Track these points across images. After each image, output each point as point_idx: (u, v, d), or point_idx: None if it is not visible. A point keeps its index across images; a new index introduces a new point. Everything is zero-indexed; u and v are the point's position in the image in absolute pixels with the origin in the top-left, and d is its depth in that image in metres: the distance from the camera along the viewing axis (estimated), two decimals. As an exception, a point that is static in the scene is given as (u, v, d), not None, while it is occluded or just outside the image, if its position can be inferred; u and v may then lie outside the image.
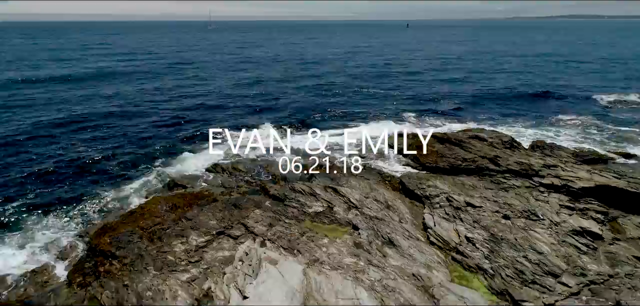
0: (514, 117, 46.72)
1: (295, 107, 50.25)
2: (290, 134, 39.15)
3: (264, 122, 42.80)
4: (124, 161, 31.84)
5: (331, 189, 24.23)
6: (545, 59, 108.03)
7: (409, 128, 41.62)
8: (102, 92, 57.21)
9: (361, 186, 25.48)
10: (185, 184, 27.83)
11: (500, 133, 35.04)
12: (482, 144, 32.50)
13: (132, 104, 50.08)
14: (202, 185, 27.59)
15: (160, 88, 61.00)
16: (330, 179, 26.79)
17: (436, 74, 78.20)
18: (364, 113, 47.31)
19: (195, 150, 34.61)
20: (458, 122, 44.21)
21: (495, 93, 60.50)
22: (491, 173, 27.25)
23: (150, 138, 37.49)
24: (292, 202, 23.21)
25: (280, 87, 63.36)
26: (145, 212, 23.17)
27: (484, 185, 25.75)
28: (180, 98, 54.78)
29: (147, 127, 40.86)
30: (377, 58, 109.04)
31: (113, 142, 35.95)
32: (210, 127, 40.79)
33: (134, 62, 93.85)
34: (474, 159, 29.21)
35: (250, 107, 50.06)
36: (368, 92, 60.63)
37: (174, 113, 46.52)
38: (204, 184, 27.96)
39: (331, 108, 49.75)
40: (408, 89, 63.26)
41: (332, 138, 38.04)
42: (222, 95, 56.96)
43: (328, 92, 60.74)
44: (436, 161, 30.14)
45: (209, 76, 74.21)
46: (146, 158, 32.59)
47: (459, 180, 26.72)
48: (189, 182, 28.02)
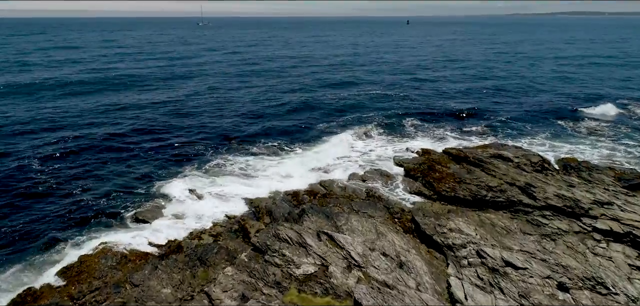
0: (529, 122, 40.53)
1: (280, 122, 43.93)
2: (276, 153, 32.97)
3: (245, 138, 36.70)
4: (80, 191, 25.76)
5: (326, 237, 18.19)
6: (554, 58, 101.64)
7: (417, 140, 35.49)
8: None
9: (364, 228, 19.44)
10: (148, 218, 21.81)
11: (526, 151, 28.96)
12: (507, 166, 26.48)
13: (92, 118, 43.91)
14: (170, 221, 21.53)
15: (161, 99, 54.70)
16: (325, 216, 20.74)
17: (442, 75, 71.32)
18: (364, 120, 41.03)
19: (172, 174, 28.51)
20: (470, 127, 38.10)
21: (503, 93, 54.36)
22: (526, 209, 21.21)
23: (132, 159, 31.40)
24: (276, 255, 17.18)
25: (254, 95, 55.16)
26: (84, 269, 17.18)
27: (520, 228, 19.71)
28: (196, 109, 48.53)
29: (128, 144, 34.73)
30: (379, 57, 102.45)
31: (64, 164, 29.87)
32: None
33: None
34: (501, 187, 23.16)
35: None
36: (369, 96, 54.34)
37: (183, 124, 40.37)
38: (174, 217, 21.93)
39: (326, 118, 43.43)
40: (414, 92, 56.90)
41: (327, 156, 31.92)
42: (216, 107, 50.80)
43: (322, 97, 54.49)
44: (454, 188, 24.09)
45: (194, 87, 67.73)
46: (119, 183, 26.51)
47: (487, 218, 20.68)
48: (155, 215, 21.97)
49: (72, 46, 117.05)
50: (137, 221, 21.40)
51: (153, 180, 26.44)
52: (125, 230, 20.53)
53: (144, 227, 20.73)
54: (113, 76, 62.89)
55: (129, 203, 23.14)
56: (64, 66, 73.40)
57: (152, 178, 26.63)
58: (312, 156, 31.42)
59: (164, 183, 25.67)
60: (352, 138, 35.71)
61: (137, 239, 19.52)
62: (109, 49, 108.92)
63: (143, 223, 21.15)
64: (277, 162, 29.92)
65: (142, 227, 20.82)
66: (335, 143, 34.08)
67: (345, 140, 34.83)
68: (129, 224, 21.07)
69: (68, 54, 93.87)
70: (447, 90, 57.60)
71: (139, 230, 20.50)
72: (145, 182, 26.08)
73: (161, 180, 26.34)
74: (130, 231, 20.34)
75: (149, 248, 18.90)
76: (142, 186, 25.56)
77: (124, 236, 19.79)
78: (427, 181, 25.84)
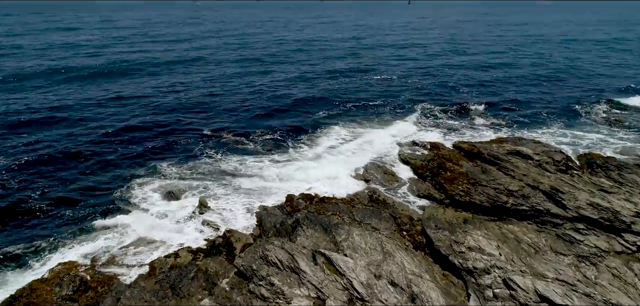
0: (543, 110, 37.04)
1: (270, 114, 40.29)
2: (270, 151, 29.64)
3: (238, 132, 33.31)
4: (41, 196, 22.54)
5: (323, 259, 15.03)
6: (567, 40, 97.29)
7: (423, 132, 32.16)
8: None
9: (368, 245, 16.27)
10: (117, 230, 18.68)
11: (547, 147, 25.62)
12: (527, 164, 23.21)
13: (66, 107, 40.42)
14: (143, 231, 18.38)
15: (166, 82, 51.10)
16: (322, 228, 17.54)
17: (449, 61, 66.32)
18: (365, 112, 37.57)
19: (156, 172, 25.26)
20: (481, 117, 34.68)
21: (514, 78, 50.77)
22: (555, 220, 18.01)
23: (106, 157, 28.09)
24: (263, 284, 14.05)
25: (249, 83, 50.34)
26: (33, 300, 14.11)
27: (550, 245, 16.54)
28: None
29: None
30: (382, 40, 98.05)
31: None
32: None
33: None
34: (523, 192, 19.92)
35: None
36: (371, 81, 50.69)
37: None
38: (149, 227, 18.78)
39: (326, 107, 39.86)
40: (419, 78, 53.12)
41: (326, 150, 28.66)
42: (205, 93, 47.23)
43: (322, 81, 50.88)
44: (469, 191, 20.87)
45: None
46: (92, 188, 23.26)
47: (510, 232, 17.51)
48: (126, 226, 18.82)
49: (69, 28, 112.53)
50: (105, 232, 18.24)
51: (127, 182, 22.98)
52: (88, 245, 17.35)
53: (112, 241, 17.58)
54: (105, 62, 58.97)
55: (95, 212, 19.81)
56: (56, 50, 69.28)
57: (126, 181, 23.18)
58: (309, 152, 28.17)
59: (140, 187, 22.40)
60: (353, 130, 32.38)
61: (102, 257, 16.41)
62: (107, 31, 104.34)
63: (111, 236, 18.00)
64: (270, 160, 26.65)
65: (109, 240, 17.67)
66: (333, 136, 30.77)
67: (344, 132, 31.52)
68: (94, 238, 17.86)
69: (64, 37, 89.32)
70: (455, 76, 53.48)
71: (105, 244, 17.35)
72: (116, 185, 22.66)
73: (137, 182, 22.94)
74: (94, 246, 17.17)
75: (115, 269, 15.80)
76: (113, 190, 22.15)
77: (86, 253, 16.68)
78: (438, 182, 22.63)
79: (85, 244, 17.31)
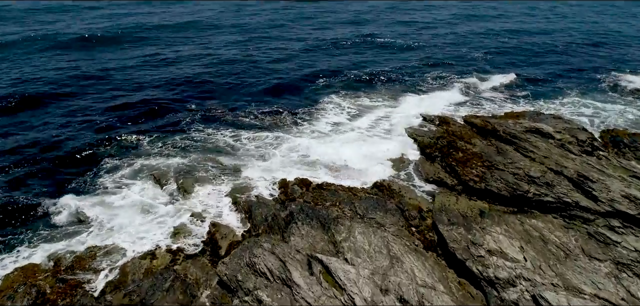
0: (560, 81, 34.07)
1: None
2: (269, 124, 26.93)
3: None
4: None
5: (320, 267, 12.67)
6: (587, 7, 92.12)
7: (429, 101, 29.39)
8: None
9: (373, 247, 13.91)
10: (87, 221, 16.31)
11: (568, 123, 22.98)
12: (548, 144, 20.59)
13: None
14: (115, 224, 16.01)
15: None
16: (320, 224, 15.15)
17: (457, 30, 60.67)
18: (372, 83, 34.30)
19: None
20: (493, 87, 31.79)
21: (528, 47, 47.30)
22: (585, 214, 15.57)
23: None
24: (248, 300, 11.76)
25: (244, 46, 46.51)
26: (-20, 317, 11.86)
27: (581, 246, 14.18)
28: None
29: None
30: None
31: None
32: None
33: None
34: (545, 178, 17.39)
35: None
36: (377, 51, 46.95)
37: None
38: (124, 219, 16.41)
39: (330, 78, 36.61)
40: (425, 46, 49.38)
41: (328, 127, 25.97)
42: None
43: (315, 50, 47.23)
44: (484, 176, 18.37)
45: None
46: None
47: (534, 228, 15.12)
48: (94, 217, 16.43)
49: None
50: (72, 227, 15.84)
51: (101, 165, 20.05)
52: (53, 243, 14.94)
53: (79, 238, 15.19)
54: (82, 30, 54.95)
55: (61, 202, 16.93)
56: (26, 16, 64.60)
57: (100, 163, 20.24)
58: (309, 128, 25.49)
59: (117, 170, 19.74)
60: (359, 103, 29.54)
61: (67, 259, 14.09)
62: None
63: (79, 231, 15.59)
64: (266, 138, 23.98)
65: (76, 236, 15.25)
66: (337, 111, 27.97)
67: (349, 106, 28.68)
68: (59, 234, 15.38)
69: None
70: (467, 44, 49.03)
71: (71, 242, 14.96)
72: (88, 168, 19.80)
73: (113, 164, 20.17)
74: (59, 245, 14.79)
75: (80, 275, 13.51)
76: (85, 174, 19.35)
77: (50, 253, 14.36)
78: (449, 164, 20.10)
79: (48, 242, 14.92)
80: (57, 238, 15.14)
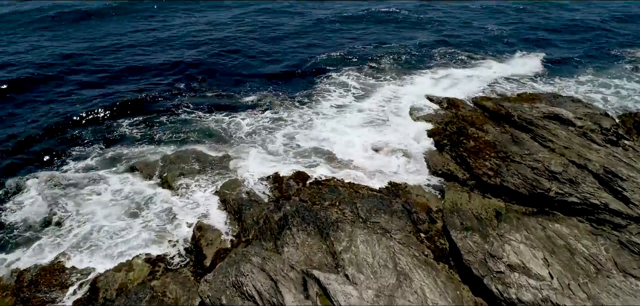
0: (575, 55, 31.66)
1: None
2: (267, 105, 24.82)
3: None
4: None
5: (317, 288, 10.90)
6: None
7: (434, 79, 27.20)
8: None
9: (376, 259, 12.12)
10: (52, 225, 14.52)
11: (590, 108, 20.92)
12: (568, 132, 18.63)
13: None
14: (92, 222, 14.22)
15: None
16: (317, 229, 13.34)
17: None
18: (378, 62, 31.57)
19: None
20: (505, 62, 29.46)
21: (544, 20, 44.45)
22: (615, 219, 13.73)
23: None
24: (234, 330, 10.03)
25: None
26: None
27: (614, 258, 12.38)
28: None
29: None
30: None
31: None
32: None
33: None
34: (569, 175, 15.45)
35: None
36: (384, 24, 43.98)
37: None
38: (97, 223, 14.62)
39: (333, 52, 34.02)
40: (431, 21, 46.42)
41: (332, 110, 23.86)
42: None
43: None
44: (499, 170, 16.47)
45: None
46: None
47: (559, 235, 13.30)
48: (74, 217, 14.62)
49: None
50: (40, 232, 14.00)
51: (74, 152, 18.26)
52: (17, 250, 13.14)
53: (47, 243, 13.39)
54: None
55: (24, 199, 15.06)
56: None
57: (71, 148, 18.45)
58: (308, 111, 23.39)
59: (91, 158, 17.85)
60: (364, 82, 27.27)
61: (31, 271, 12.32)
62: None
63: (47, 234, 13.79)
64: (262, 120, 21.94)
65: (44, 240, 13.45)
66: (341, 92, 25.73)
67: (355, 86, 26.39)
68: (24, 240, 13.57)
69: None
70: (479, 19, 45.41)
71: (37, 249, 13.17)
72: (55, 153, 17.97)
73: (87, 151, 18.30)
74: (22, 253, 12.99)
75: (44, 293, 11.77)
76: (53, 164, 17.55)
77: (10, 261, 12.59)
78: (459, 154, 18.16)
79: (10, 251, 13.12)
80: (21, 245, 13.33)
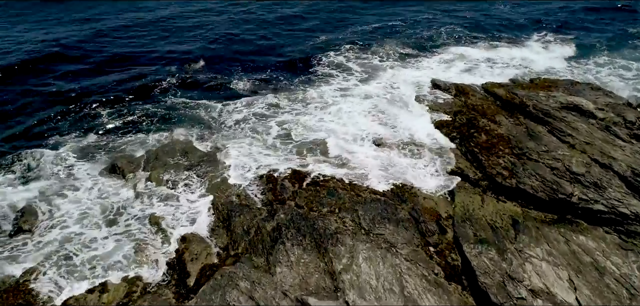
0: (592, 33, 29.63)
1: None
2: (263, 92, 22.95)
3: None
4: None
5: (314, 321, 9.46)
6: None
7: (446, 64, 25.31)
8: None
9: (381, 281, 10.67)
10: (24, 231, 13.00)
11: (611, 97, 19.24)
12: (589, 126, 17.00)
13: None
14: (64, 232, 12.71)
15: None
16: (314, 243, 11.85)
17: None
18: (383, 44, 29.30)
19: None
20: (517, 44, 27.45)
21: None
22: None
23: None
24: None
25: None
26: None
27: (648, 282, 10.90)
28: None
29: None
30: None
31: None
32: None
33: None
34: (593, 177, 13.91)
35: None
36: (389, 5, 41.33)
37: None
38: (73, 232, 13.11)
39: (336, 32, 31.93)
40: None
41: (335, 96, 22.05)
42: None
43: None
44: (514, 169, 14.90)
45: None
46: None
47: (584, 250, 11.80)
48: (46, 225, 13.08)
49: None
50: (5, 242, 12.48)
51: (46, 148, 16.40)
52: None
53: (14, 257, 11.88)
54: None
55: None
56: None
57: (42, 142, 16.72)
58: (305, 98, 21.60)
59: (67, 153, 16.12)
60: (367, 66, 25.34)
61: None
62: None
63: (15, 246, 12.26)
64: (257, 109, 20.15)
65: (12, 254, 11.93)
66: (343, 76, 23.85)
67: (358, 71, 24.49)
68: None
69: None
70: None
71: (3, 258, 11.68)
72: (23, 154, 16.19)
73: (59, 146, 16.53)
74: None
75: None
76: (21, 162, 15.80)
77: None
78: (470, 150, 16.54)
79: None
80: (-14, 260, 11.83)
